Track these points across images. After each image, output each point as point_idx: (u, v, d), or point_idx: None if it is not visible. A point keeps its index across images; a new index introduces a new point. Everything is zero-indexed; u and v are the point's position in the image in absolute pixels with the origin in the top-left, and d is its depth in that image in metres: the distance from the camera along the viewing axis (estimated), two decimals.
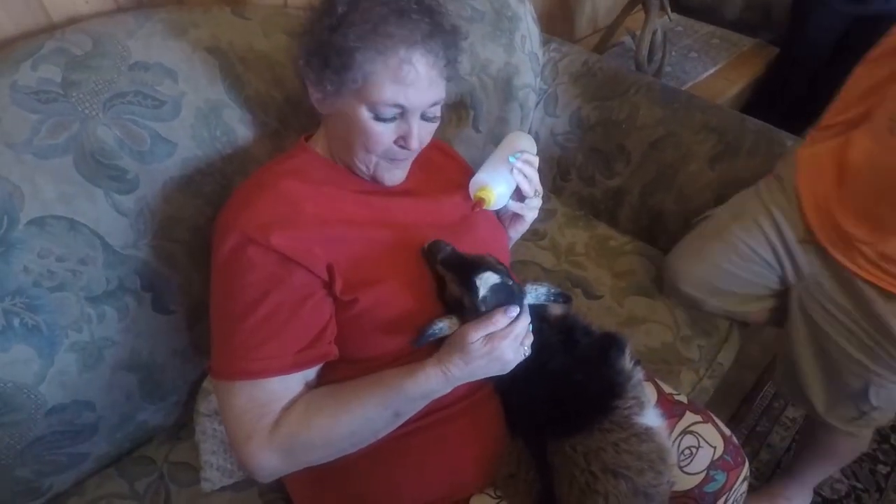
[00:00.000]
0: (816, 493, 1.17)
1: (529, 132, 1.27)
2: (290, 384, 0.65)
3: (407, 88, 0.63)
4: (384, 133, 0.67)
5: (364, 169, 0.72)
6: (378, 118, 0.65)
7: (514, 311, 0.61)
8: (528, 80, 1.20)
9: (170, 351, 0.82)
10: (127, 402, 0.79)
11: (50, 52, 0.70)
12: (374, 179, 0.74)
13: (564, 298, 0.70)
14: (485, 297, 0.60)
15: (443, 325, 0.63)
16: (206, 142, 0.77)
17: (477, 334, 0.60)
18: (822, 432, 1.01)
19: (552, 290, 0.70)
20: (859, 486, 1.22)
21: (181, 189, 0.76)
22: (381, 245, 0.69)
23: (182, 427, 0.88)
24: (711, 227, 0.99)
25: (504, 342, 0.60)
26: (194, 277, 0.80)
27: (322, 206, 0.68)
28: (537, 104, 1.27)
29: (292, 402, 0.64)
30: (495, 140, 1.17)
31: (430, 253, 0.68)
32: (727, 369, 1.03)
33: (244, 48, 0.82)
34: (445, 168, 0.87)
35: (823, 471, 1.11)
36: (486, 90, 1.11)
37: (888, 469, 1.26)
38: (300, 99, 0.85)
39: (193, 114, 0.76)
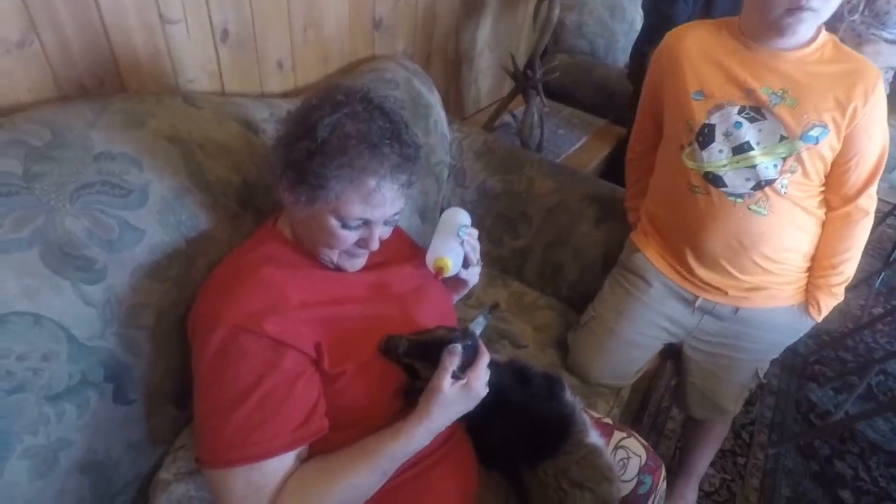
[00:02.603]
0: (700, 489, 1.42)
1: (443, 202, 1.43)
2: (286, 462, 0.67)
3: (374, 208, 0.72)
4: (349, 237, 0.74)
5: (327, 260, 0.79)
6: (345, 226, 0.73)
7: (458, 348, 0.70)
8: (442, 157, 1.37)
9: (125, 444, 0.79)
10: None
11: (5, 143, 0.68)
12: (337, 268, 0.81)
13: (493, 308, 0.83)
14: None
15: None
16: (172, 227, 0.79)
17: (446, 380, 0.68)
18: (703, 427, 1.28)
19: (485, 314, 0.83)
20: (727, 477, 1.52)
21: (148, 275, 0.76)
22: (359, 319, 0.77)
23: None
24: (603, 328, 1.14)
25: (476, 377, 0.70)
26: (157, 363, 0.79)
27: (301, 289, 0.73)
28: (448, 177, 1.44)
29: (284, 479, 0.67)
30: (419, 209, 1.32)
31: (389, 350, 0.74)
32: (626, 399, 1.25)
33: (202, 136, 0.86)
34: (393, 240, 0.98)
35: (706, 460, 1.37)
36: None
37: (744, 459, 1.58)
38: (256, 183, 0.91)
39: (159, 201, 0.78)
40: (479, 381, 0.71)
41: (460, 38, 1.73)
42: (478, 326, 0.78)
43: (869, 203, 0.98)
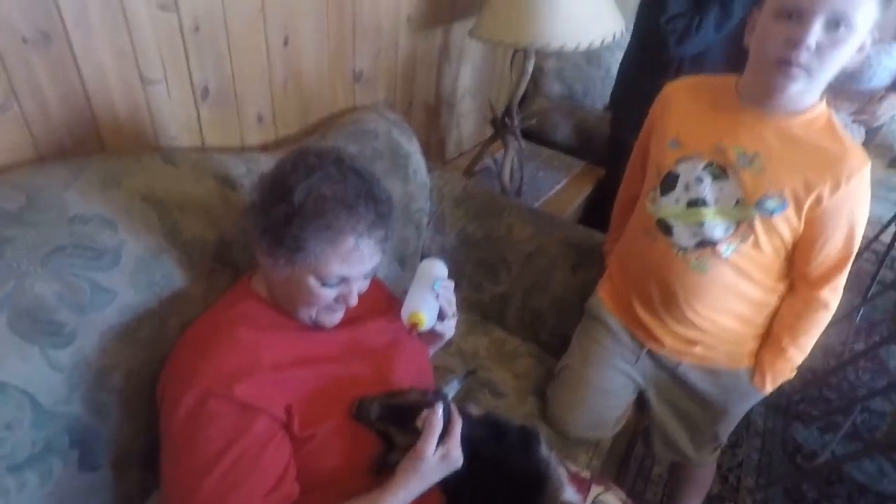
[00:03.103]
0: None
1: (423, 248, 1.45)
2: None
3: (353, 266, 0.74)
4: (329, 294, 0.76)
5: (306, 317, 0.80)
6: (325, 285, 0.74)
7: (440, 408, 0.71)
8: (422, 204, 1.39)
9: None
10: None
11: None
12: (315, 324, 0.81)
13: (470, 373, 0.83)
14: None
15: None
16: (144, 287, 0.79)
17: (431, 448, 0.69)
18: (687, 471, 1.28)
19: (459, 378, 0.85)
20: None
21: (118, 337, 0.76)
22: (331, 379, 0.77)
23: None
24: (573, 378, 1.16)
25: (454, 444, 0.71)
26: (124, 425, 0.78)
27: (275, 351, 0.74)
28: (428, 223, 1.46)
29: None
30: (398, 257, 1.33)
31: (361, 415, 0.74)
32: (607, 448, 1.24)
33: (179, 195, 0.87)
34: (369, 292, 0.98)
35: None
36: None
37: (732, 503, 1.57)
38: (233, 239, 0.91)
39: (134, 261, 0.78)
40: (457, 449, 0.72)
41: (441, 86, 1.78)
42: (451, 390, 0.79)
43: (831, 297, 0.95)
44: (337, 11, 1.22)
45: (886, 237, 2.34)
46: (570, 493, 0.81)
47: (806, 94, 0.85)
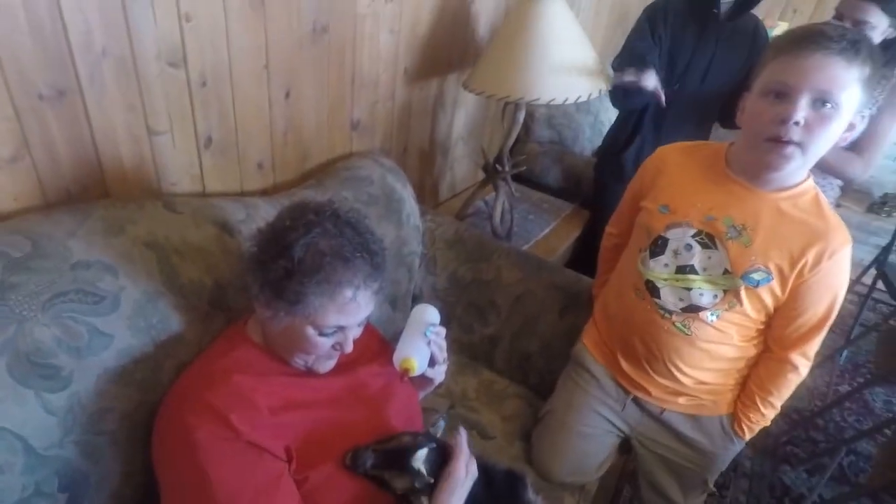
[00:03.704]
0: None
1: (414, 290, 1.48)
2: None
3: (350, 316, 0.77)
4: (325, 343, 0.79)
5: (301, 364, 0.82)
6: (322, 334, 0.77)
7: (464, 433, 0.81)
8: (414, 247, 1.43)
9: None
10: None
11: None
12: (310, 371, 0.84)
13: (450, 408, 0.85)
14: (429, 471, 0.73)
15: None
16: (141, 331, 0.81)
17: (463, 466, 0.77)
18: None
19: (443, 416, 0.88)
20: None
21: (114, 380, 0.77)
22: (326, 423, 0.79)
23: None
24: (556, 422, 1.18)
25: (471, 459, 0.80)
26: (116, 468, 0.79)
27: (270, 396, 0.76)
28: (420, 266, 1.49)
29: None
30: (390, 298, 1.36)
31: (356, 465, 0.76)
32: (594, 492, 1.24)
33: (179, 241, 0.90)
34: (362, 338, 1.00)
35: None
36: None
37: None
38: (229, 283, 0.94)
39: (132, 306, 0.81)
40: (474, 462, 0.81)
41: (435, 132, 1.85)
42: (438, 429, 0.81)
43: (802, 362, 0.99)
44: (337, 66, 1.29)
45: (868, 279, 2.40)
46: None
47: (798, 168, 0.88)
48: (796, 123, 0.81)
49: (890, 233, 2.27)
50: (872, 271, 2.34)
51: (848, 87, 0.79)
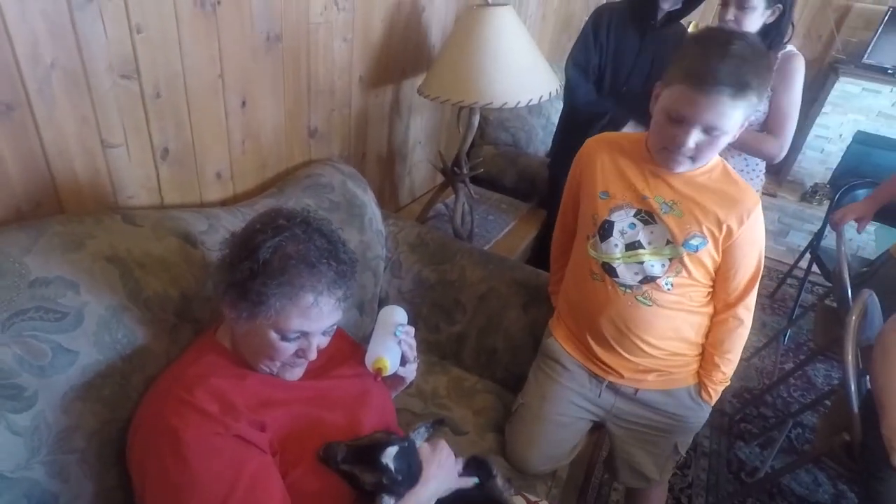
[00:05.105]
0: None
1: (380, 294, 1.49)
2: None
3: (312, 321, 0.78)
4: (288, 348, 0.79)
5: (267, 370, 0.83)
6: (284, 339, 0.78)
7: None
8: (378, 251, 1.45)
9: None
10: None
11: None
12: (277, 377, 0.84)
13: (439, 423, 0.89)
14: (397, 468, 0.75)
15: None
16: (107, 346, 0.80)
17: (434, 462, 0.81)
18: (643, 495, 1.34)
19: (427, 426, 0.91)
20: None
21: (81, 396, 0.76)
22: (303, 421, 0.80)
23: None
24: (530, 414, 1.22)
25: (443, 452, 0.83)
26: (85, 488, 0.77)
27: (247, 396, 0.77)
28: (385, 269, 1.51)
29: None
30: (357, 303, 1.37)
31: (328, 458, 0.78)
32: (565, 477, 1.29)
33: (141, 254, 0.89)
34: (333, 342, 1.01)
35: None
36: None
37: None
38: (195, 294, 0.94)
39: (96, 321, 0.79)
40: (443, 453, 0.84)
41: (392, 138, 1.87)
42: (419, 437, 0.83)
43: (745, 314, 1.10)
44: (293, 74, 1.30)
45: (804, 263, 2.57)
46: None
47: (692, 168, 1.02)
48: (688, 147, 0.95)
49: (821, 219, 2.44)
50: (808, 256, 2.51)
51: (734, 116, 0.92)
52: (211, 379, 0.75)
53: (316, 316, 0.77)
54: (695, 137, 0.94)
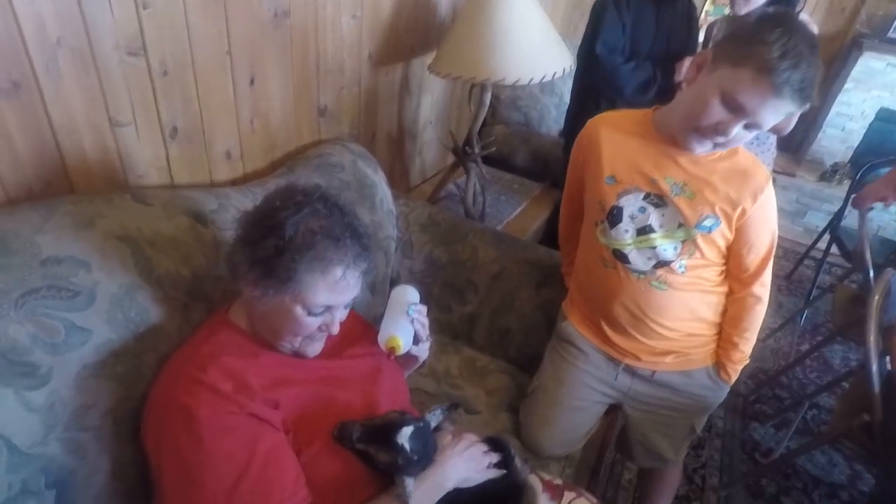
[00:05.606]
0: None
1: (391, 274, 1.49)
2: None
3: (339, 295, 0.78)
4: (313, 323, 0.79)
5: (288, 347, 0.83)
6: (310, 314, 0.78)
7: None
8: (389, 231, 1.44)
9: None
10: None
11: None
12: (297, 354, 0.84)
13: (454, 406, 0.90)
14: (412, 448, 0.74)
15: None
16: (120, 324, 0.80)
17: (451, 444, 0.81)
18: (656, 475, 1.33)
19: (443, 409, 0.89)
20: None
21: (95, 374, 0.76)
22: (318, 400, 0.80)
23: None
24: (546, 398, 1.21)
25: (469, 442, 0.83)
26: (101, 464, 0.78)
27: (261, 375, 0.76)
28: (396, 249, 1.50)
29: None
30: (368, 283, 1.36)
31: (343, 438, 0.79)
32: (578, 457, 1.29)
33: (152, 233, 0.89)
34: (346, 322, 1.01)
35: None
36: None
37: (699, 503, 1.64)
38: (206, 273, 0.93)
39: (108, 299, 0.79)
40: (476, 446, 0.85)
41: (403, 118, 1.84)
42: (433, 419, 0.83)
43: (761, 290, 1.07)
44: (301, 52, 1.27)
45: (822, 244, 2.52)
46: (544, 500, 0.85)
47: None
48: (727, 137, 0.91)
49: (841, 199, 2.38)
50: (826, 236, 2.46)
51: (777, 114, 0.88)
52: (223, 357, 0.75)
53: (343, 289, 0.78)
54: (735, 128, 0.90)
